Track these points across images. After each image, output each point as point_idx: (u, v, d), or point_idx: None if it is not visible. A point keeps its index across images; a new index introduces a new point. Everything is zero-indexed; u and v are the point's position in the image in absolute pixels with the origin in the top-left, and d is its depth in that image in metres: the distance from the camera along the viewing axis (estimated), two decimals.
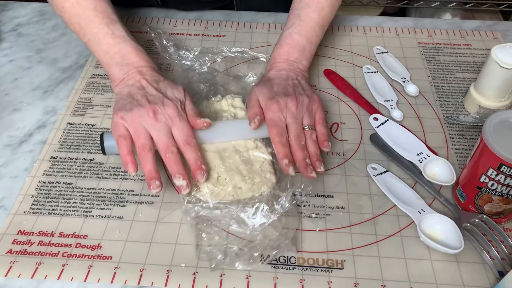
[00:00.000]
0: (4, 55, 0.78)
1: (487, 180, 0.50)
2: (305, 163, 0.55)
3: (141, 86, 0.59)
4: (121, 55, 0.61)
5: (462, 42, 0.80)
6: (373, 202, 0.57)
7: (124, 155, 0.54)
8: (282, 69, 0.65)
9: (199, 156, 0.54)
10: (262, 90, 0.61)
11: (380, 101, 0.69)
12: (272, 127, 0.57)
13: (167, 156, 0.53)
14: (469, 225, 0.53)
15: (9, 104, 0.69)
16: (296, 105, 0.59)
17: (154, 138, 0.54)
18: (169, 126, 0.55)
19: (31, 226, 0.55)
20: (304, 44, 0.66)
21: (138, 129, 0.55)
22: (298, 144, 0.56)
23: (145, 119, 0.55)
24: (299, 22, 0.67)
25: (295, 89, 0.62)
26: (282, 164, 0.55)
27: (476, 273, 0.50)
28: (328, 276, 0.50)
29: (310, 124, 0.59)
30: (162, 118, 0.55)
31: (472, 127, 0.65)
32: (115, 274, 0.50)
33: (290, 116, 0.58)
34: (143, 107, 0.55)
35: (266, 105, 0.59)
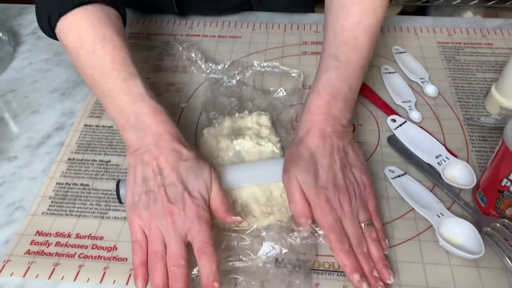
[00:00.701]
0: (24, 58, 0.79)
1: (508, 184, 0.49)
2: (374, 277, 0.48)
3: (159, 168, 0.50)
4: (136, 116, 0.52)
5: (483, 41, 0.78)
6: (391, 206, 0.56)
7: (137, 265, 0.48)
8: (325, 134, 0.53)
9: (213, 270, 0.46)
10: (306, 179, 0.51)
11: (398, 102, 0.68)
12: (329, 232, 0.49)
13: (171, 270, 0.47)
14: (489, 229, 0.52)
15: (28, 106, 0.70)
16: (349, 200, 0.51)
17: (166, 243, 0.48)
18: (186, 230, 0.48)
19: (48, 227, 0.55)
20: (347, 92, 0.55)
21: (153, 232, 0.48)
22: (361, 252, 0.49)
23: (161, 221, 0.48)
24: (337, 64, 0.56)
25: (343, 171, 0.52)
26: (353, 281, 0.47)
27: (497, 279, 0.49)
28: (344, 281, 0.50)
29: (367, 220, 0.51)
30: (179, 221, 0.48)
31: (493, 129, 0.63)
32: (130, 276, 0.50)
33: (346, 217, 0.50)
34: (161, 207, 0.48)
35: (315, 203, 0.50)
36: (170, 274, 0.47)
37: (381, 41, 0.79)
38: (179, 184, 0.49)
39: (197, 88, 0.72)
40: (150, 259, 0.48)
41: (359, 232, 0.50)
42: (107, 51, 0.55)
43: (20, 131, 0.67)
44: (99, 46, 0.55)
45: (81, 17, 0.56)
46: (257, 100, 0.68)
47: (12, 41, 0.80)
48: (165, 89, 0.72)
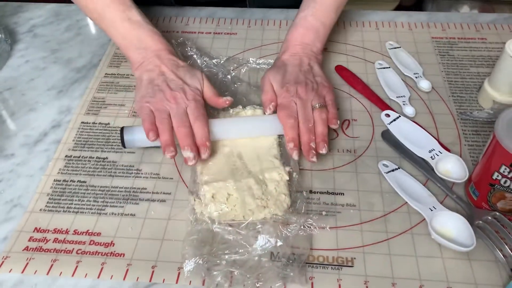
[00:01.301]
0: (20, 55, 0.79)
1: (499, 177, 0.50)
2: (309, 146, 0.58)
3: (161, 72, 0.62)
4: (138, 39, 0.64)
5: (477, 36, 0.78)
6: (384, 200, 0.57)
7: (147, 126, 0.57)
8: (296, 53, 0.67)
9: (205, 133, 0.57)
10: (276, 77, 0.64)
11: (392, 97, 0.68)
12: (282, 109, 0.60)
13: (179, 130, 0.57)
14: (481, 222, 0.52)
15: (25, 104, 0.71)
16: (305, 91, 0.61)
17: (172, 116, 0.58)
18: (186, 108, 0.59)
19: (46, 224, 0.56)
20: (319, 26, 0.68)
21: (160, 109, 0.58)
22: (305, 126, 0.59)
23: (166, 103, 0.59)
24: (313, 4, 0.69)
25: (306, 76, 0.64)
26: (288, 147, 0.58)
27: (489, 271, 0.50)
28: (338, 274, 0.50)
29: (320, 102, 0.61)
30: (181, 102, 0.59)
31: (486, 123, 0.64)
32: (127, 271, 0.51)
33: (299, 101, 0.61)
34: (165, 93, 0.60)
35: (278, 92, 0.62)
36: (178, 134, 0.57)
37: (375, 36, 0.79)
38: (178, 80, 0.62)
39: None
40: (159, 124, 0.57)
41: (308, 113, 0.60)
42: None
43: (17, 128, 0.67)
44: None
45: None
46: (251, 95, 0.69)
47: (8, 39, 0.80)
48: None
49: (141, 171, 0.61)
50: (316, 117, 0.60)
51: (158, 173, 0.61)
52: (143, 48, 0.64)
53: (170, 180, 0.60)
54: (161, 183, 0.59)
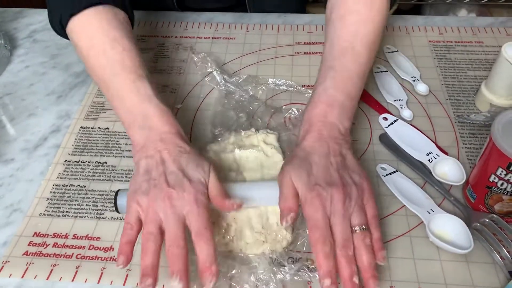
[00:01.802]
0: (20, 61, 0.80)
1: (496, 180, 0.50)
2: (352, 283, 0.45)
3: (162, 159, 0.51)
4: (143, 116, 0.54)
5: (474, 39, 0.79)
6: (382, 202, 0.57)
7: (122, 244, 0.48)
8: (322, 138, 0.53)
9: (211, 253, 0.45)
10: (300, 175, 0.49)
11: (390, 100, 0.69)
12: (313, 229, 0.47)
13: (170, 250, 0.46)
14: (479, 225, 0.53)
15: (25, 109, 0.71)
16: (343, 199, 0.48)
17: (164, 226, 0.47)
18: (184, 213, 0.47)
19: (46, 228, 0.56)
20: (343, 100, 0.55)
21: (150, 215, 0.48)
22: (345, 255, 0.46)
23: (159, 205, 0.48)
24: (333, 74, 0.56)
25: (340, 173, 0.50)
26: (323, 286, 0.45)
27: (486, 274, 0.50)
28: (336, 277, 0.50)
29: (362, 224, 0.48)
30: (178, 205, 0.47)
31: (483, 126, 0.64)
32: (127, 276, 0.51)
33: (336, 215, 0.47)
34: (160, 191, 0.48)
35: (305, 198, 0.48)
36: (169, 255, 0.46)
37: None
38: (179, 172, 0.50)
39: (191, 89, 0.72)
40: (143, 240, 0.47)
41: (347, 234, 0.47)
42: (117, 52, 0.56)
43: (17, 133, 0.67)
44: (109, 47, 0.57)
45: (92, 17, 0.58)
46: (267, 117, 0.66)
47: (8, 45, 0.80)
48: (160, 90, 0.72)
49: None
50: (358, 242, 0.47)
51: None
52: (147, 128, 0.53)
53: None
54: None
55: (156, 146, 0.52)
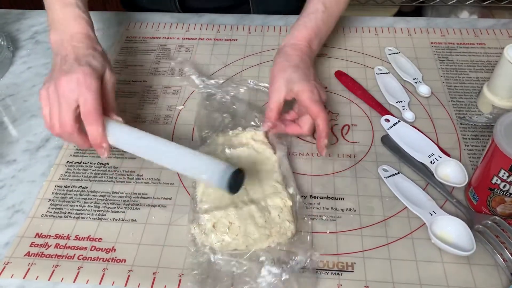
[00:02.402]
0: (22, 62, 0.80)
1: (499, 182, 0.50)
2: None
3: (66, 55, 0.56)
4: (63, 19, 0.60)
5: (476, 41, 0.79)
6: (384, 204, 0.57)
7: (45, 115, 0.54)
8: (305, 53, 0.65)
9: (100, 132, 0.52)
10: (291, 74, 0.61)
11: (392, 102, 0.69)
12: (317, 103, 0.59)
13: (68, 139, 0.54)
14: (481, 227, 0.52)
15: (27, 111, 0.71)
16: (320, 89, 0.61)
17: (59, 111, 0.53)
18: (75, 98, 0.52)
19: (48, 229, 0.56)
20: (323, 34, 0.69)
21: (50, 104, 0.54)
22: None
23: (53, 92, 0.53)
24: (323, 9, 0.68)
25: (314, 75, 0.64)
26: (322, 143, 0.59)
27: (489, 276, 0.50)
28: (338, 279, 0.50)
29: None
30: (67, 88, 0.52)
31: (486, 128, 0.64)
32: (129, 277, 0.51)
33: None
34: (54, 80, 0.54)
35: (302, 86, 0.59)
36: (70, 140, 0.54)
37: (375, 42, 0.80)
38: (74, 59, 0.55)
39: (194, 90, 0.72)
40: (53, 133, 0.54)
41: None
42: None
43: (19, 135, 0.68)
44: None
45: None
46: (250, 116, 0.66)
47: (11, 46, 0.80)
48: (162, 92, 0.73)
49: (142, 177, 0.61)
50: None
51: (159, 179, 0.61)
52: (61, 31, 0.60)
53: (171, 185, 0.60)
54: (161, 188, 0.60)
55: (65, 44, 0.58)
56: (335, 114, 0.68)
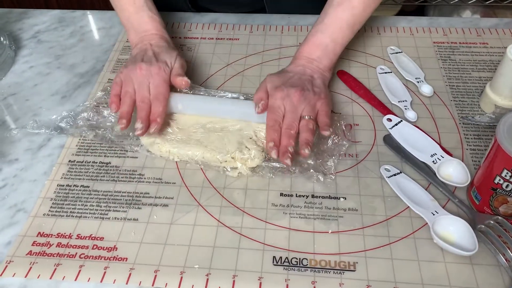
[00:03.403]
0: (24, 61, 0.80)
1: (501, 182, 0.50)
2: (286, 149, 0.57)
3: (145, 49, 0.69)
4: (138, 23, 0.72)
5: (479, 40, 0.79)
6: (386, 204, 0.57)
7: (112, 96, 0.64)
8: (300, 65, 0.66)
9: (160, 112, 0.62)
10: (273, 79, 0.64)
11: (394, 101, 0.68)
12: (270, 112, 0.61)
13: (139, 105, 0.62)
14: (483, 226, 0.52)
15: (29, 110, 0.71)
16: (298, 96, 0.60)
17: (136, 89, 0.64)
18: (149, 81, 0.64)
19: (50, 228, 0.56)
20: (328, 43, 0.66)
21: (126, 80, 0.65)
22: (287, 132, 0.58)
23: (133, 73, 0.65)
24: (326, 20, 0.67)
25: (304, 83, 0.63)
26: (267, 146, 0.59)
27: (491, 276, 0.50)
28: (340, 278, 0.50)
29: (310, 114, 0.60)
30: (145, 74, 0.64)
31: (488, 127, 0.64)
32: (130, 275, 0.51)
33: (289, 105, 0.60)
34: (135, 64, 0.65)
35: (271, 92, 0.62)
36: (138, 108, 0.62)
37: (377, 41, 0.80)
38: (153, 55, 0.67)
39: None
40: (123, 96, 0.64)
41: (294, 120, 0.59)
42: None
43: (21, 134, 0.68)
44: None
45: None
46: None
47: (13, 45, 0.81)
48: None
49: (144, 176, 0.61)
50: (303, 125, 0.59)
51: (161, 178, 0.61)
52: (141, 31, 0.71)
53: (173, 184, 0.60)
54: (163, 187, 0.60)
55: (144, 43, 0.70)
56: (337, 113, 0.68)
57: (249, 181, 0.60)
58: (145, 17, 0.71)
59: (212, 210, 0.57)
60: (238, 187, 0.59)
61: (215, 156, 0.60)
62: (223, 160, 0.60)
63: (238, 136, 0.62)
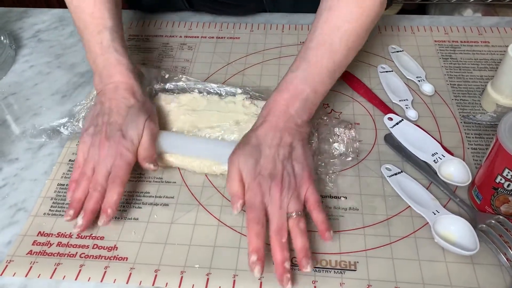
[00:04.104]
0: (24, 61, 0.80)
1: (503, 181, 0.49)
2: (283, 268, 0.48)
3: (109, 110, 0.60)
4: (103, 65, 0.63)
5: (480, 39, 0.78)
6: (387, 203, 0.57)
7: (71, 181, 0.58)
8: (277, 128, 0.55)
9: (114, 201, 0.54)
10: (247, 163, 0.53)
11: (395, 100, 0.68)
12: (249, 210, 0.51)
13: (91, 192, 0.55)
14: (485, 226, 0.52)
15: (29, 109, 0.71)
16: (280, 191, 0.52)
17: (95, 170, 0.57)
18: (110, 164, 0.56)
19: (50, 228, 0.56)
20: (308, 93, 0.57)
21: (89, 157, 0.58)
22: (278, 242, 0.49)
23: (95, 150, 0.57)
24: (305, 66, 0.58)
25: (284, 164, 0.53)
26: (249, 261, 0.49)
27: (492, 275, 0.50)
28: (341, 278, 0.50)
29: (297, 211, 0.51)
30: (107, 154, 0.57)
31: (489, 126, 0.64)
32: (130, 275, 0.51)
33: (272, 204, 0.51)
34: (99, 141, 0.58)
35: (248, 184, 0.53)
36: (88, 195, 0.55)
37: (378, 40, 0.79)
38: (117, 125, 0.58)
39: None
40: (79, 178, 0.57)
41: (282, 222, 0.51)
42: (88, 5, 0.64)
43: (21, 133, 0.67)
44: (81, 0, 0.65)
45: None
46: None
47: (13, 45, 0.81)
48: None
49: (144, 175, 0.61)
50: (293, 226, 0.51)
51: (161, 177, 0.61)
52: (105, 76, 0.62)
53: (173, 184, 0.60)
54: (164, 187, 0.60)
55: (108, 95, 0.61)
56: (338, 112, 0.68)
57: None
58: (111, 59, 0.62)
59: (213, 209, 0.57)
60: None
61: (211, 168, 0.59)
62: (220, 171, 0.59)
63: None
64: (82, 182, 0.56)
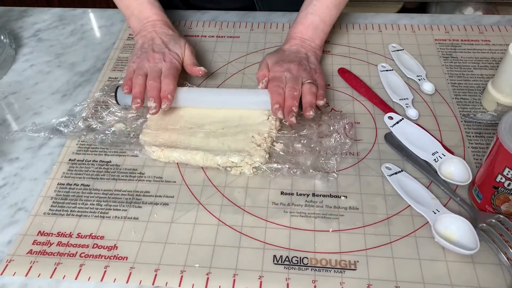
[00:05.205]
0: (25, 60, 0.80)
1: (503, 180, 0.49)
2: (290, 109, 0.61)
3: (152, 38, 0.71)
4: (139, 10, 0.73)
5: (481, 38, 0.78)
6: (387, 202, 0.56)
7: (126, 79, 0.66)
8: (295, 44, 0.70)
9: (171, 90, 0.64)
10: (271, 57, 0.69)
11: (395, 99, 0.68)
12: (272, 81, 0.65)
13: (148, 83, 0.64)
14: (485, 225, 0.52)
15: (29, 108, 0.71)
16: (297, 68, 0.65)
17: (148, 73, 0.66)
18: (161, 68, 0.66)
19: (50, 227, 0.56)
20: (318, 23, 0.71)
21: (140, 67, 0.67)
22: (290, 93, 0.62)
23: (146, 62, 0.67)
24: (315, 2, 0.71)
25: (301, 59, 0.67)
26: (273, 108, 0.62)
27: (493, 275, 0.50)
28: (341, 277, 0.50)
29: (310, 79, 0.64)
30: (158, 63, 0.67)
31: (490, 125, 0.64)
32: (130, 274, 0.51)
33: (290, 75, 0.65)
34: (148, 54, 0.68)
35: (272, 68, 0.67)
36: (148, 86, 0.64)
37: (378, 39, 0.79)
38: (162, 44, 0.70)
39: (199, 84, 0.72)
40: (135, 77, 0.65)
41: (295, 84, 0.63)
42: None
43: (21, 133, 0.67)
44: None
45: None
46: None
47: (13, 44, 0.80)
48: None
49: (144, 175, 0.61)
50: (305, 89, 0.63)
51: (161, 177, 0.61)
52: (142, 18, 0.73)
53: (173, 183, 0.60)
54: (164, 186, 0.60)
55: (148, 30, 0.72)
56: (338, 111, 0.67)
57: (249, 179, 0.60)
58: (145, 3, 0.73)
59: (213, 208, 0.57)
60: (239, 186, 0.59)
61: (216, 161, 0.60)
62: (224, 164, 0.60)
63: (239, 141, 0.61)
64: (137, 80, 0.65)
